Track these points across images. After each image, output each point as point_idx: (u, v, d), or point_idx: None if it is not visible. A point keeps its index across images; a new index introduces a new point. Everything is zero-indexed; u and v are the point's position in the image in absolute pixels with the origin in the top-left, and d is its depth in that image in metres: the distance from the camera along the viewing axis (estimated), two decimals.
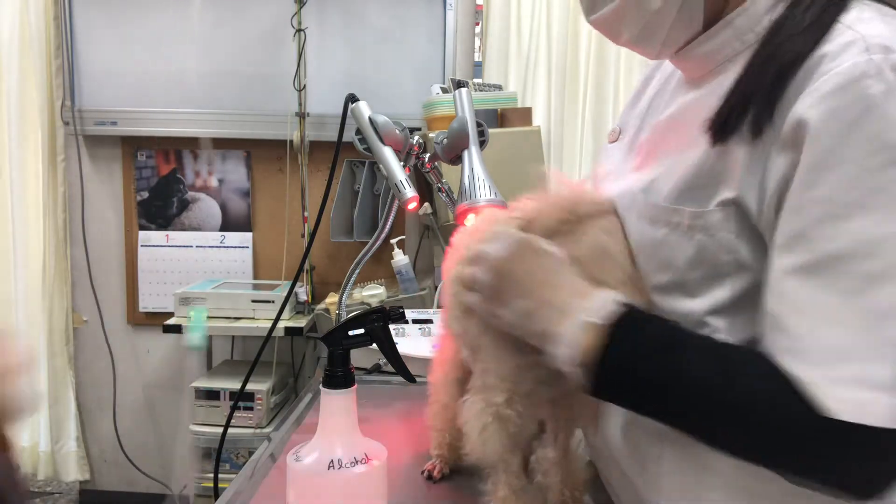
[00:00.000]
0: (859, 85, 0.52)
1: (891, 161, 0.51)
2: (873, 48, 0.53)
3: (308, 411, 1.18)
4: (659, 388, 0.58)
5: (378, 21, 2.24)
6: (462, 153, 1.13)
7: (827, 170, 0.53)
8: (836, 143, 0.53)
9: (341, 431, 0.69)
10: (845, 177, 0.52)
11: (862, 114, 0.52)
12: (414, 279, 1.83)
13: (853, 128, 0.52)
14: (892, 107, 0.52)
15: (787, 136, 0.56)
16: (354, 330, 0.73)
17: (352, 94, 1.23)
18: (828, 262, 0.53)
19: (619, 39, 0.70)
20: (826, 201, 0.53)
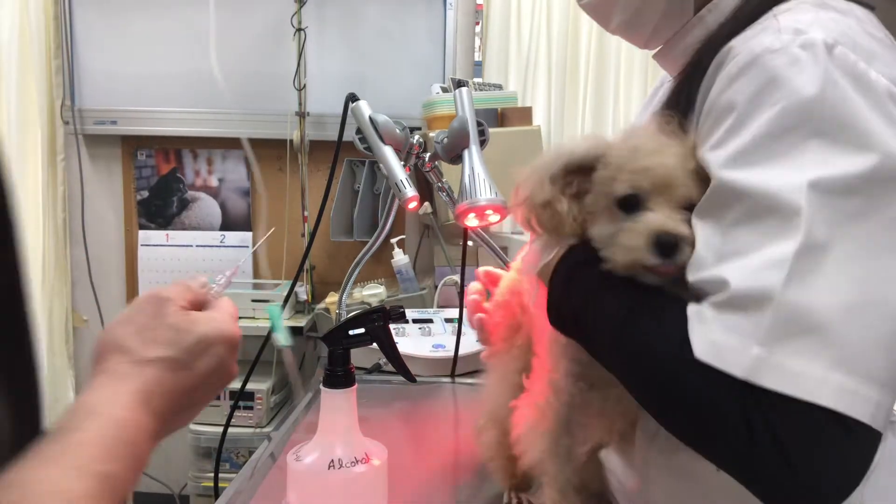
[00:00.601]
0: (762, 59, 0.52)
1: (791, 126, 0.50)
2: (784, 30, 0.53)
3: (308, 411, 1.18)
4: (582, 325, 0.59)
5: (378, 21, 2.23)
6: (462, 152, 1.13)
7: (732, 137, 0.52)
8: (741, 116, 0.52)
9: (341, 431, 0.69)
10: (746, 142, 0.51)
11: (765, 84, 0.51)
12: (414, 279, 1.82)
13: (755, 98, 0.51)
14: (794, 76, 0.50)
15: (704, 123, 0.56)
16: (354, 329, 0.73)
17: (352, 93, 1.23)
18: (713, 205, 0.52)
19: (609, 25, 0.70)
20: (724, 160, 0.52)
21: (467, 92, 1.20)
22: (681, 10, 0.65)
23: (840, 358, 0.44)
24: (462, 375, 1.31)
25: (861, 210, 0.47)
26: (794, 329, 0.45)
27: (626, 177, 0.57)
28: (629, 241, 0.55)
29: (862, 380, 0.44)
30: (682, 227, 0.54)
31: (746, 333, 0.45)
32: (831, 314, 0.45)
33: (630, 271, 0.56)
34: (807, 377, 0.44)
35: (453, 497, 0.86)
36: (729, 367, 0.45)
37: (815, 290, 0.45)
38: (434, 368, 1.32)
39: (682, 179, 0.56)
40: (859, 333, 0.45)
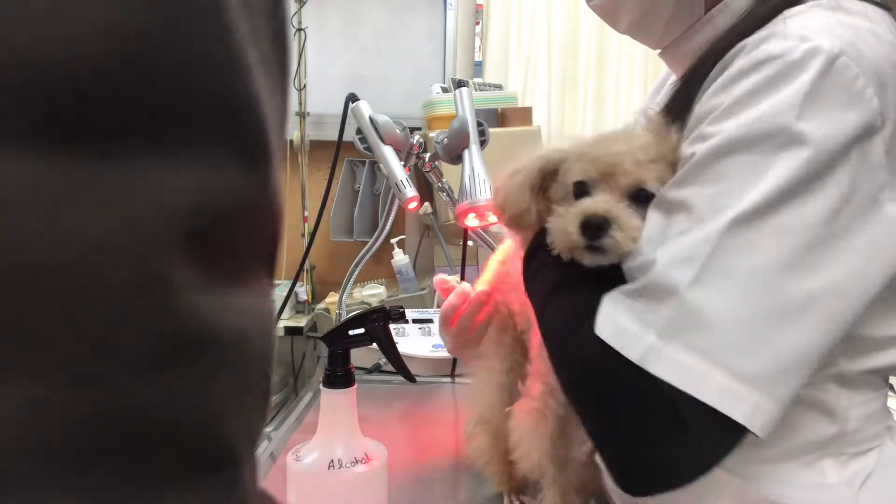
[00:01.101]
0: (760, 66, 0.52)
1: (757, 139, 0.50)
2: (790, 36, 0.52)
3: (308, 411, 1.18)
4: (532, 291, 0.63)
5: (378, 21, 2.23)
6: (462, 153, 1.13)
7: (703, 140, 0.52)
8: (720, 116, 0.52)
9: (341, 431, 0.69)
10: (713, 146, 0.51)
11: (752, 92, 0.51)
12: (414, 279, 1.82)
13: (738, 104, 0.51)
14: (783, 87, 0.50)
15: (692, 120, 0.56)
16: (354, 329, 0.73)
17: (352, 93, 1.23)
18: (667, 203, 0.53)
19: (619, 26, 0.70)
20: (689, 166, 0.52)
21: (467, 92, 1.20)
22: (690, 10, 0.65)
23: (725, 360, 0.47)
24: (462, 375, 1.31)
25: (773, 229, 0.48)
26: (689, 325, 0.47)
27: (577, 165, 0.60)
28: (563, 225, 0.57)
29: (746, 383, 0.47)
30: (616, 209, 0.56)
31: (648, 322, 0.48)
32: (725, 317, 0.47)
33: (570, 255, 0.58)
34: (690, 371, 0.47)
35: (453, 497, 0.86)
36: (625, 349, 0.48)
37: (716, 293, 0.47)
38: (434, 368, 1.32)
39: (630, 167, 0.57)
40: (749, 338, 0.47)
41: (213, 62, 0.22)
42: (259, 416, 0.26)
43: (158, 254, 0.20)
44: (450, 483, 0.89)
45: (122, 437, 0.21)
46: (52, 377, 0.19)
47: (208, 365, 0.22)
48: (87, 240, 0.19)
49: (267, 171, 0.25)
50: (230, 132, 0.23)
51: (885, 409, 0.63)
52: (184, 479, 0.22)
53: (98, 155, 0.19)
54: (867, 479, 0.57)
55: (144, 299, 0.20)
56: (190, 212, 0.21)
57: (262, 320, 0.26)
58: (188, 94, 0.21)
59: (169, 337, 0.21)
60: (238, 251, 0.25)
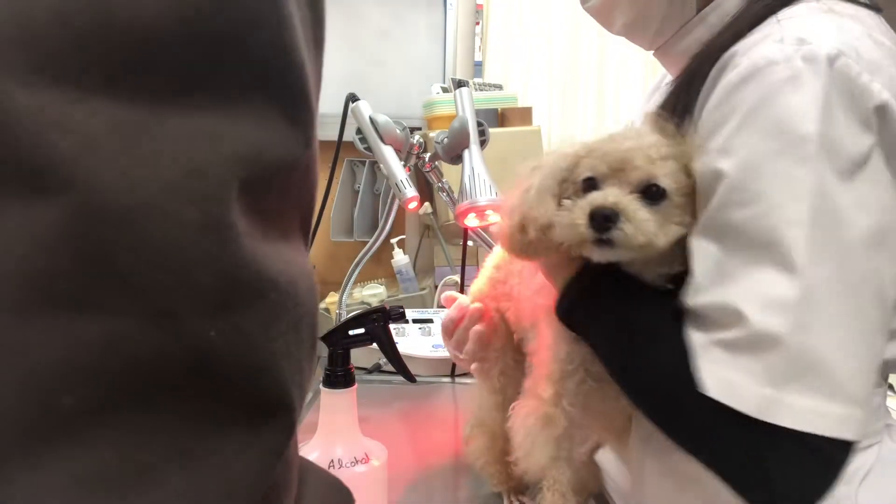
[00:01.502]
0: (764, 72, 0.52)
1: (785, 149, 0.50)
2: (788, 39, 0.52)
3: (308, 411, 1.18)
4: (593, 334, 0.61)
5: (378, 21, 2.23)
6: (463, 153, 1.13)
7: (727, 156, 0.53)
8: (738, 130, 0.52)
9: (341, 431, 0.69)
10: (742, 164, 0.52)
11: (763, 100, 0.51)
12: (414, 279, 1.82)
13: (753, 114, 0.52)
14: (794, 94, 0.50)
15: (702, 129, 0.56)
16: (354, 329, 0.73)
17: (352, 93, 1.23)
18: (709, 249, 0.54)
19: (612, 27, 0.70)
20: (723, 190, 0.53)
21: (467, 92, 1.20)
22: (682, 10, 0.65)
23: (839, 390, 0.49)
24: (462, 375, 1.31)
25: (837, 243, 0.50)
26: (799, 370, 0.49)
27: (586, 161, 0.59)
28: (571, 219, 0.56)
29: (853, 404, 0.49)
30: (624, 201, 0.55)
31: (758, 374, 0.49)
32: (829, 353, 0.49)
33: (579, 250, 0.58)
34: (812, 412, 0.48)
35: (453, 497, 0.86)
36: (741, 405, 0.49)
37: (816, 333, 0.49)
38: (434, 368, 1.32)
39: (640, 163, 0.56)
40: (848, 366, 0.49)
41: (265, 19, 0.23)
42: (308, 366, 0.27)
43: (222, 199, 0.22)
44: (450, 483, 0.89)
45: (190, 375, 0.22)
46: (131, 313, 0.20)
47: (267, 310, 0.23)
48: (162, 180, 0.20)
49: (310, 132, 0.26)
50: (279, 88, 0.24)
51: (884, 406, 0.63)
52: (245, 420, 0.23)
53: (165, 104, 0.21)
54: (866, 477, 0.58)
55: (212, 241, 0.21)
56: (245, 161, 0.23)
57: (309, 277, 0.27)
58: (243, 49, 0.23)
59: (233, 279, 0.22)
60: (283, 208, 0.26)
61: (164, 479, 0.21)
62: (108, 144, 0.20)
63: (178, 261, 0.21)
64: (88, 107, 0.20)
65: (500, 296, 0.81)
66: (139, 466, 0.21)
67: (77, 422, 0.20)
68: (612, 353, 0.60)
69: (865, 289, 0.50)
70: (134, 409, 0.21)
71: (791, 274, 0.49)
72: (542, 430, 0.67)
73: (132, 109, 0.20)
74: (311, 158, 0.27)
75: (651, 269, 0.59)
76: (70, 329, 0.20)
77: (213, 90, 0.22)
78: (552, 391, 0.66)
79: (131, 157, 0.20)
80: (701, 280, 0.54)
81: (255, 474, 0.24)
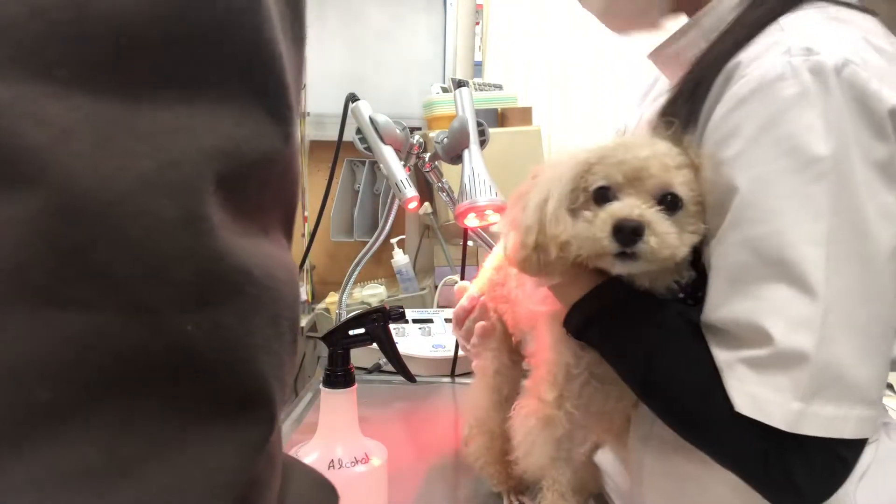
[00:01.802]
0: (773, 87, 0.52)
1: (798, 168, 0.51)
2: (794, 49, 0.53)
3: (308, 411, 1.18)
4: (612, 349, 0.62)
5: (378, 21, 2.23)
6: (462, 153, 1.13)
7: (739, 171, 0.53)
8: (749, 145, 0.53)
9: (341, 431, 0.69)
10: (754, 181, 0.53)
11: (774, 116, 0.52)
12: (414, 279, 1.82)
13: (764, 130, 0.52)
14: (804, 111, 0.51)
15: (708, 139, 0.56)
16: (354, 329, 0.73)
17: (352, 93, 1.23)
18: (730, 267, 0.55)
19: (590, 6, 0.71)
20: (737, 206, 0.54)
21: (467, 92, 1.20)
22: (647, 8, 0.66)
23: (858, 395, 0.51)
24: (462, 375, 1.31)
25: (858, 256, 0.51)
26: (824, 383, 0.51)
27: (599, 169, 0.57)
28: (592, 232, 0.55)
29: (870, 406, 0.52)
30: (649, 213, 0.54)
31: (786, 390, 0.51)
32: (851, 362, 0.51)
33: (599, 263, 0.57)
34: (836, 419, 0.51)
35: (453, 497, 0.86)
36: (772, 420, 0.51)
37: (839, 345, 0.51)
38: (434, 368, 1.32)
39: (655, 170, 0.55)
40: (868, 371, 0.51)
41: (242, 13, 0.23)
42: (290, 360, 0.27)
43: (198, 192, 0.22)
44: (450, 483, 0.89)
45: (169, 369, 0.22)
46: (109, 307, 0.20)
47: (245, 303, 0.23)
48: (137, 174, 0.20)
49: (289, 127, 0.26)
50: (257, 82, 0.24)
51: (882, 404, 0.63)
52: (224, 414, 0.23)
53: (141, 98, 0.21)
54: (864, 475, 0.58)
55: (189, 235, 0.21)
56: (222, 155, 0.22)
57: (289, 271, 0.26)
58: (221, 43, 0.23)
59: (210, 273, 0.22)
60: (263, 202, 0.26)
61: (144, 474, 0.21)
62: (82, 138, 0.20)
63: (155, 254, 0.21)
64: (62, 100, 0.20)
65: (497, 298, 0.81)
66: (119, 461, 0.21)
67: (55, 417, 0.20)
68: (632, 369, 0.60)
69: (885, 295, 0.52)
70: (113, 404, 0.21)
71: (810, 292, 0.50)
72: (543, 431, 0.67)
73: (107, 103, 0.20)
74: (292, 154, 0.27)
75: (662, 280, 0.59)
76: (47, 324, 0.20)
77: (189, 84, 0.22)
78: (555, 394, 0.65)
79: (106, 151, 0.20)
80: (719, 295, 0.55)
81: (235, 468, 0.23)
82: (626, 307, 0.60)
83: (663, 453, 0.62)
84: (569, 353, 0.65)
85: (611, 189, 0.57)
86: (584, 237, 0.56)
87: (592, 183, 0.58)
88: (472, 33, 2.30)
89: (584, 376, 0.64)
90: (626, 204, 0.55)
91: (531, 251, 0.59)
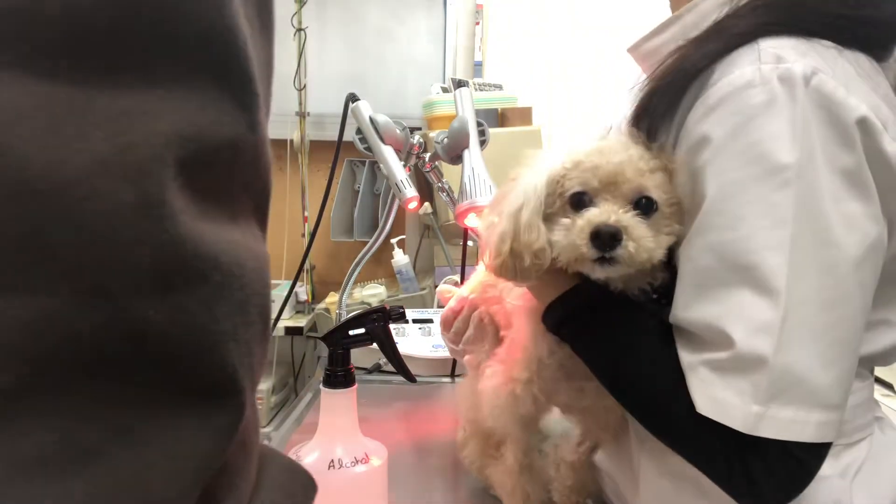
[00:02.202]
0: (742, 94, 0.53)
1: (763, 175, 0.52)
2: (765, 57, 0.53)
3: (308, 411, 1.18)
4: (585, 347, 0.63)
5: (378, 21, 2.24)
6: (462, 153, 1.13)
7: (708, 178, 0.54)
8: (717, 153, 0.54)
9: (341, 431, 0.69)
10: (722, 188, 0.54)
11: (742, 124, 0.52)
12: (414, 279, 1.83)
13: (732, 138, 0.53)
14: (771, 119, 0.52)
15: (681, 146, 0.57)
16: (355, 329, 0.73)
17: (352, 93, 1.23)
18: (695, 272, 0.56)
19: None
20: (704, 212, 0.54)
21: (467, 92, 1.20)
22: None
23: (817, 399, 0.52)
24: (462, 376, 1.31)
25: (820, 263, 0.52)
26: (782, 386, 0.51)
27: (575, 175, 0.58)
28: (571, 239, 0.56)
29: (831, 410, 0.52)
30: (625, 219, 0.55)
31: (746, 393, 0.52)
32: (811, 367, 0.51)
33: (578, 268, 0.58)
34: (794, 422, 0.51)
35: (453, 497, 0.86)
36: (731, 421, 0.52)
37: (798, 350, 0.51)
38: (434, 368, 1.32)
39: (630, 175, 0.57)
40: (828, 376, 0.52)
41: (201, 1, 0.23)
42: (260, 349, 0.26)
43: (156, 177, 0.21)
44: (450, 483, 0.89)
45: (131, 355, 0.21)
46: (63, 292, 0.20)
47: (209, 290, 0.23)
48: (92, 157, 0.20)
49: (254, 115, 0.25)
50: (218, 68, 0.24)
51: (872, 399, 0.64)
52: (191, 401, 0.23)
53: (95, 83, 0.21)
54: (859, 470, 0.58)
55: (146, 219, 0.21)
56: (182, 140, 0.22)
57: (259, 259, 0.26)
58: (180, 29, 0.22)
59: (171, 258, 0.22)
60: (230, 189, 0.25)
61: (106, 460, 0.21)
62: (34, 122, 0.19)
63: (110, 238, 0.20)
64: (12, 85, 0.19)
65: (490, 299, 0.82)
66: (79, 447, 0.20)
67: (10, 404, 0.19)
68: (603, 366, 0.62)
69: (849, 301, 0.52)
70: (72, 390, 0.20)
71: (771, 298, 0.51)
72: (510, 407, 0.70)
73: (60, 88, 0.20)
74: (261, 143, 0.26)
75: (636, 281, 0.61)
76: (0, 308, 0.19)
77: (147, 69, 0.22)
78: (526, 376, 0.68)
79: (59, 135, 0.20)
80: (685, 298, 0.56)
81: (202, 455, 0.23)
82: (598, 308, 0.62)
83: (659, 453, 0.62)
84: (544, 347, 0.66)
85: (587, 194, 0.58)
86: (562, 244, 0.57)
87: (569, 189, 0.59)
88: (472, 33, 2.31)
89: (555, 368, 0.66)
90: (603, 210, 0.57)
91: (506, 257, 0.60)
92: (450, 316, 0.86)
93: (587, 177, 0.58)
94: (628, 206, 0.57)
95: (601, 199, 0.58)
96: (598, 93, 2.33)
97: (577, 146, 0.61)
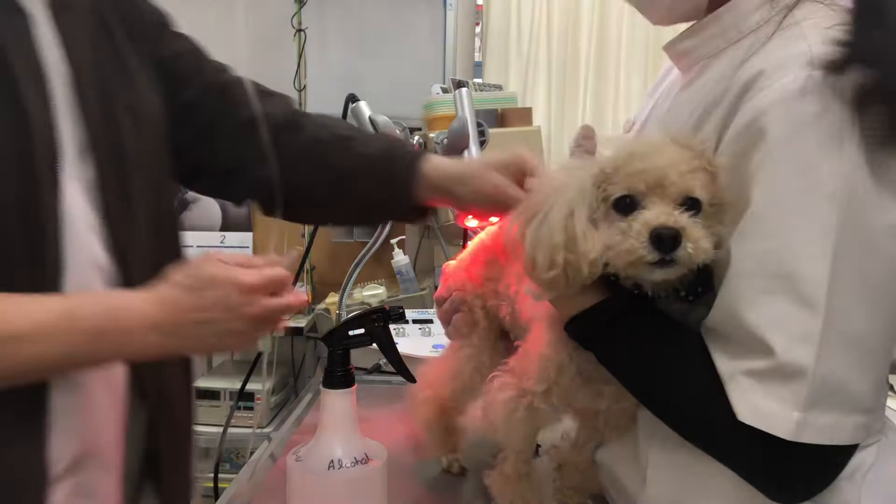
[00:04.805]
0: (795, 103, 0.53)
1: (810, 186, 0.52)
2: (816, 62, 0.53)
3: (308, 411, 1.18)
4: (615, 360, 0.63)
5: (378, 21, 2.24)
6: (462, 153, 1.13)
7: (755, 184, 0.54)
8: (765, 160, 0.54)
9: (341, 431, 0.69)
10: (767, 196, 0.54)
11: (793, 133, 0.53)
12: (414, 279, 1.82)
13: (781, 147, 0.53)
14: (821, 130, 0.52)
15: (727, 148, 0.57)
16: (354, 330, 0.73)
17: (352, 94, 1.23)
18: (737, 279, 0.56)
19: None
20: (748, 218, 0.55)
21: (467, 92, 1.20)
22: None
23: (854, 404, 0.53)
24: None
25: (863, 273, 0.52)
26: (823, 394, 0.52)
27: (620, 179, 0.57)
28: (629, 242, 0.55)
29: (866, 413, 0.53)
30: (683, 220, 0.55)
31: (787, 401, 0.52)
32: (850, 375, 0.52)
33: (632, 272, 0.57)
34: (833, 427, 0.53)
35: (453, 497, 0.86)
36: (774, 429, 0.53)
37: (838, 359, 0.52)
38: None
39: (675, 177, 0.56)
40: (866, 382, 0.53)
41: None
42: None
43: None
44: (450, 483, 0.89)
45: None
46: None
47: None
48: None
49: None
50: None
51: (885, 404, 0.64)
52: None
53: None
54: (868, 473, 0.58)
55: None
56: None
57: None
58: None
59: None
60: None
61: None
62: None
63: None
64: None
65: (489, 293, 0.81)
66: None
67: None
68: (635, 377, 0.62)
69: (888, 310, 0.53)
70: None
71: (812, 307, 0.51)
72: (527, 421, 0.69)
73: None
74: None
75: (668, 282, 0.59)
76: None
77: None
78: (544, 387, 0.67)
79: None
80: (725, 304, 0.56)
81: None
82: (629, 320, 0.61)
83: (668, 448, 0.62)
84: (564, 354, 0.65)
85: (633, 198, 0.57)
86: (619, 249, 0.56)
87: (612, 193, 0.58)
88: (472, 33, 2.31)
89: (574, 373, 0.66)
90: (659, 212, 0.55)
91: (562, 273, 0.57)
92: (438, 300, 0.89)
93: (633, 180, 0.57)
94: (676, 206, 0.56)
95: (650, 202, 0.57)
96: (598, 93, 2.33)
97: (617, 148, 0.60)
